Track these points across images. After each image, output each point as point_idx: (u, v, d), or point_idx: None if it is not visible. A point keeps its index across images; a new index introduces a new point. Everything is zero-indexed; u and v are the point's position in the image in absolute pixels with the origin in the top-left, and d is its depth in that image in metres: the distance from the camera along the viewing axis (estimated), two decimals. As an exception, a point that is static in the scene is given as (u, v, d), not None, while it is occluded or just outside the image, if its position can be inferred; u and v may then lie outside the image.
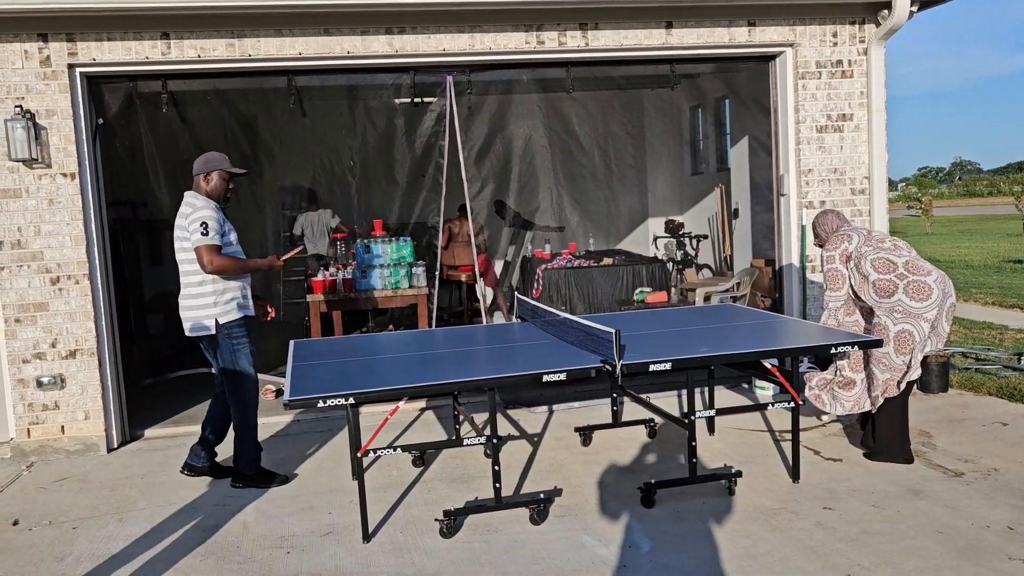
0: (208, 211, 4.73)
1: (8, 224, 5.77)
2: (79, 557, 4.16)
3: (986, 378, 6.58)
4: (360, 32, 6.08)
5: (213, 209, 4.78)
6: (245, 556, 4.09)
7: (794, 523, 4.15)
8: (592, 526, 4.23)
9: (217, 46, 5.93)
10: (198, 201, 4.79)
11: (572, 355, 4.44)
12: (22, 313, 5.82)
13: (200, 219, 4.68)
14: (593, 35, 6.41)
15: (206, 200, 4.83)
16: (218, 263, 4.68)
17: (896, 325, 4.76)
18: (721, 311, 5.84)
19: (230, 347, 4.85)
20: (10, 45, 5.69)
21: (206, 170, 4.89)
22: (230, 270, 4.75)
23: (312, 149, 7.15)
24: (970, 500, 4.33)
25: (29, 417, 5.89)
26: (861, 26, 6.73)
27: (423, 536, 4.21)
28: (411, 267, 7.42)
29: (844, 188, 6.83)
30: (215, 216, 4.74)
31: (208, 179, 4.90)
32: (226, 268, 4.72)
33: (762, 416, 6.00)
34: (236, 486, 5.02)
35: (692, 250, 10.34)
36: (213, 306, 4.79)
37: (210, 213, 4.73)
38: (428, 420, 6.40)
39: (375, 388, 3.90)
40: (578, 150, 8.01)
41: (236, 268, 4.78)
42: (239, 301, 4.87)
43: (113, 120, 6.21)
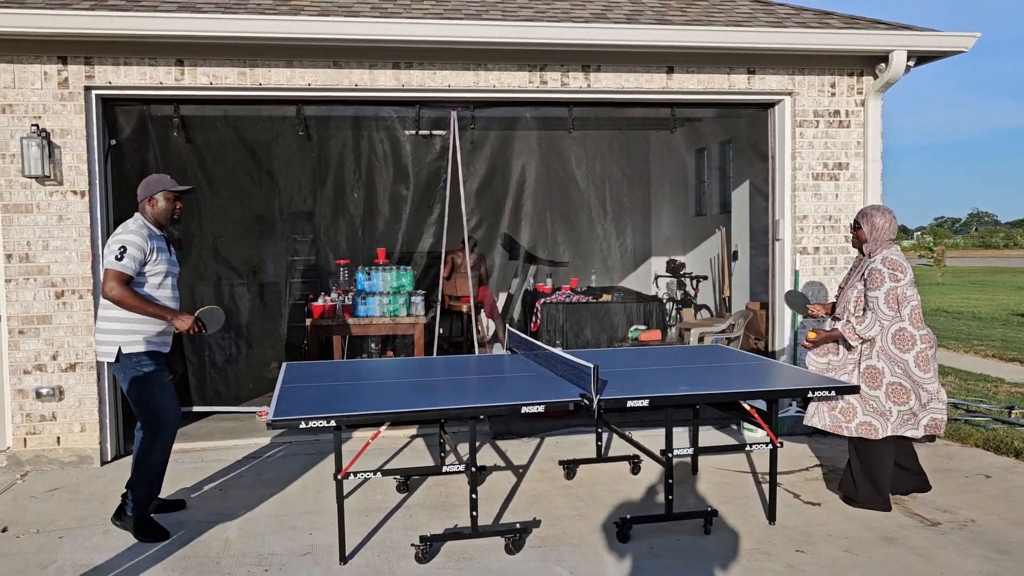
0: (132, 236, 4.46)
1: (18, 238, 5.94)
2: (62, 566, 4.25)
3: (974, 430, 6.60)
4: (368, 66, 6.27)
5: (143, 236, 4.49)
6: (224, 571, 4.17)
7: (765, 564, 4.19)
8: (566, 558, 4.29)
9: (229, 74, 6.13)
10: (132, 224, 4.55)
11: (555, 388, 4.53)
12: (26, 325, 5.97)
13: (120, 243, 4.41)
14: (595, 77, 6.57)
15: (141, 225, 4.56)
16: (117, 292, 4.36)
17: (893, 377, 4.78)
18: (709, 352, 5.91)
19: (136, 375, 4.52)
20: (31, 66, 5.90)
21: (149, 194, 4.63)
22: (128, 304, 4.39)
23: (318, 177, 7.33)
24: (943, 550, 4.36)
25: (26, 427, 6.01)
26: (859, 78, 6.87)
27: (399, 560, 4.28)
28: (410, 296, 7.55)
29: (839, 235, 6.92)
30: (140, 244, 4.45)
31: (153, 202, 4.63)
32: (124, 300, 4.37)
33: (747, 458, 6.05)
34: (115, 523, 4.70)
35: (692, 290, 10.43)
36: (119, 333, 4.50)
37: (133, 239, 4.44)
38: (417, 447, 6.48)
39: (357, 412, 4.01)
40: (575, 188, 8.15)
41: (135, 305, 4.40)
42: (147, 336, 4.54)
43: (125, 142, 6.40)
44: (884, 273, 4.68)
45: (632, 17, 6.58)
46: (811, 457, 6.12)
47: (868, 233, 4.87)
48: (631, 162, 9.95)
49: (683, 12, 6.80)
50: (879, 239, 4.85)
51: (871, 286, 4.72)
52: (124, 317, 4.49)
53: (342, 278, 8.26)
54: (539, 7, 6.67)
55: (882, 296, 4.67)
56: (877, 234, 4.84)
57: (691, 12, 6.82)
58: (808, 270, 6.88)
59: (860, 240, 4.94)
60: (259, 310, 8.40)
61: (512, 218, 7.80)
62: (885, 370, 4.79)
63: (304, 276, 9.66)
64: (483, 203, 7.49)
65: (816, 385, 4.59)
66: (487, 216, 7.62)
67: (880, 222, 4.84)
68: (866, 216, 4.91)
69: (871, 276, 4.73)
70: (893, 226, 4.87)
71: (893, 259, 4.73)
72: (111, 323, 4.53)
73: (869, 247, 4.88)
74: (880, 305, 4.68)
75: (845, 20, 6.90)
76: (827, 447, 6.37)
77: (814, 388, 4.55)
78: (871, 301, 4.71)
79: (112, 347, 4.52)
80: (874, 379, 4.81)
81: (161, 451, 4.68)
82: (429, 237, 7.41)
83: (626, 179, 9.91)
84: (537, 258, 10.17)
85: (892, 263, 4.71)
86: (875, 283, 4.70)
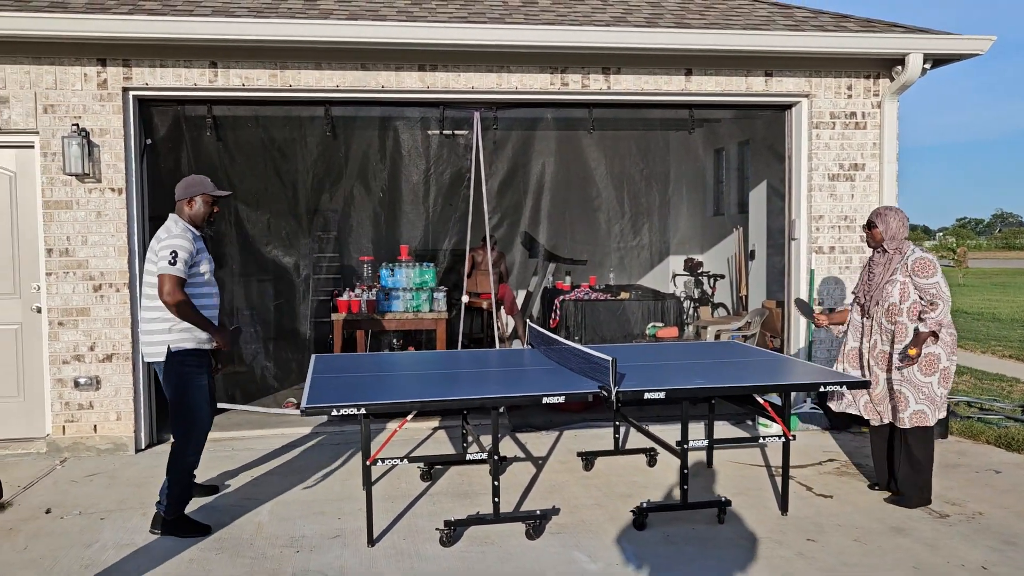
0: (180, 240, 4.51)
1: (59, 233, 6.18)
2: (105, 545, 4.48)
3: (987, 427, 6.71)
4: (394, 68, 6.47)
5: (189, 240, 4.56)
6: (257, 552, 4.37)
7: (776, 551, 4.35)
8: (584, 544, 4.46)
9: (260, 76, 6.34)
10: (175, 227, 4.60)
11: (573, 381, 4.69)
12: (65, 317, 6.21)
13: (170, 247, 4.46)
14: (615, 79, 6.73)
15: (184, 228, 4.62)
16: (178, 298, 4.43)
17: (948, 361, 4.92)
18: (725, 348, 6.06)
19: (180, 374, 4.58)
20: (72, 68, 6.14)
21: (188, 195, 4.69)
22: (186, 312, 4.46)
23: (345, 176, 7.54)
24: (950, 540, 4.50)
25: (65, 415, 6.25)
26: (875, 80, 6.99)
27: (424, 544, 4.47)
28: (432, 292, 7.74)
29: (854, 235, 7.04)
30: (187, 247, 4.52)
31: (192, 204, 4.70)
32: (183, 308, 4.45)
33: (761, 452, 6.19)
34: (154, 532, 4.64)
35: (709, 289, 10.56)
36: (169, 332, 4.55)
37: (181, 243, 4.51)
38: (439, 439, 6.66)
39: (384, 401, 4.20)
40: (594, 188, 8.31)
41: (191, 315, 4.49)
42: (195, 334, 4.59)
43: (160, 141, 6.63)
44: (934, 260, 4.87)
45: (652, 21, 6.73)
46: (825, 452, 6.26)
47: (885, 232, 5.02)
48: (650, 162, 10.07)
49: (702, 16, 6.95)
50: (897, 237, 5.01)
51: (925, 274, 4.85)
52: (172, 317, 4.52)
53: (366, 274, 8.47)
54: (560, 11, 6.84)
55: (941, 280, 4.83)
56: (894, 232, 5.01)
57: (710, 16, 6.97)
58: (823, 269, 7.01)
59: (876, 239, 5.08)
60: (286, 306, 8.62)
61: (532, 217, 7.97)
62: (942, 355, 4.91)
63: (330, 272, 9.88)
64: (504, 202, 7.67)
65: (827, 380, 4.73)
66: (508, 215, 7.80)
67: (895, 223, 5.02)
68: (881, 216, 5.07)
69: (922, 265, 4.86)
70: (905, 225, 5.06)
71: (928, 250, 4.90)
72: (159, 323, 4.55)
73: (892, 244, 5.03)
74: (943, 288, 4.82)
75: (862, 23, 7.02)
76: (842, 442, 6.50)
77: (825, 383, 4.69)
78: (932, 287, 4.83)
79: (161, 347, 4.55)
80: (932, 365, 4.90)
81: (193, 452, 4.71)
82: (453, 235, 7.60)
83: (645, 179, 10.04)
84: (557, 256, 10.35)
85: (931, 252, 4.88)
86: (929, 271, 4.86)
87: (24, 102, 6.09)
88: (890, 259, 5.04)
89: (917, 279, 4.88)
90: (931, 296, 4.85)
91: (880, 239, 5.07)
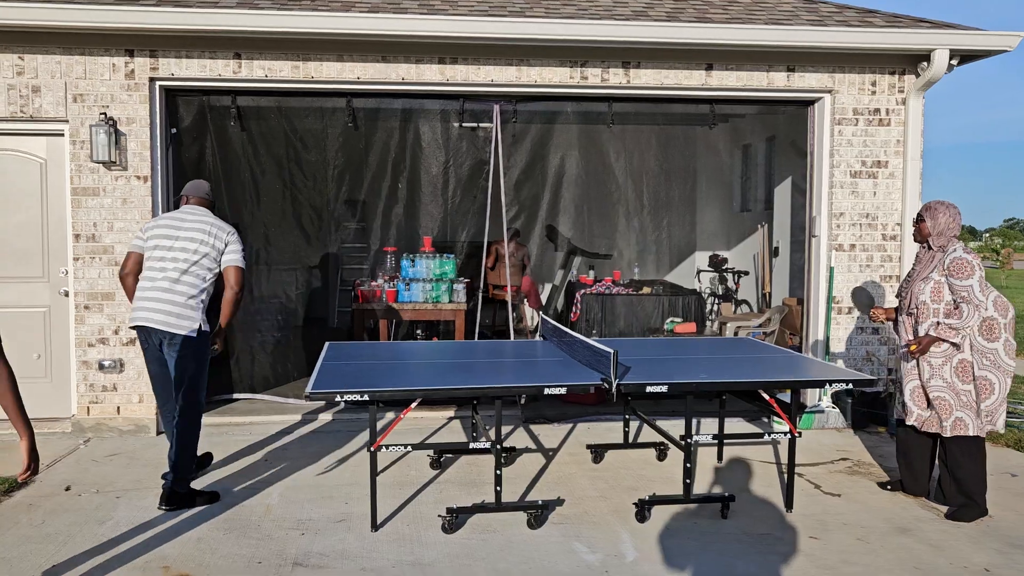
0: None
1: (86, 219, 6.35)
2: (118, 522, 4.61)
3: (1008, 431, 6.60)
4: (415, 61, 6.53)
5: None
6: (263, 533, 4.48)
7: (776, 547, 4.34)
8: (585, 534, 4.50)
9: (283, 67, 6.44)
10: (227, 225, 5.04)
11: (580, 373, 4.72)
12: (91, 300, 6.38)
13: (239, 242, 4.99)
14: (635, 73, 6.72)
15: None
16: (240, 291, 4.95)
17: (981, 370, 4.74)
18: (739, 344, 6.04)
19: (203, 353, 4.91)
20: (101, 59, 6.30)
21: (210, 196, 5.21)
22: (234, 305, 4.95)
23: (366, 167, 7.62)
24: (956, 541, 4.45)
25: (90, 396, 6.43)
26: (900, 76, 6.89)
27: (427, 530, 4.54)
28: (452, 283, 7.81)
29: (876, 233, 6.96)
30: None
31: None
32: (241, 298, 4.97)
33: (773, 449, 6.17)
34: (163, 508, 4.78)
35: (734, 285, 10.49)
36: (201, 312, 4.87)
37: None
38: (454, 428, 6.74)
39: (389, 388, 4.27)
40: (614, 182, 8.31)
41: (231, 308, 4.95)
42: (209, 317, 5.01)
43: (185, 130, 6.77)
44: (973, 262, 4.65)
45: (673, 15, 6.70)
46: (839, 450, 6.21)
47: (932, 227, 4.82)
48: (673, 157, 10.05)
49: (724, 10, 6.91)
50: (945, 233, 4.80)
51: (961, 275, 4.65)
52: (204, 300, 4.90)
53: (388, 264, 8.56)
54: (581, 4, 6.84)
55: (976, 284, 4.62)
56: (942, 228, 4.80)
57: (732, 10, 6.92)
58: (843, 267, 6.94)
59: (923, 234, 4.89)
60: (311, 295, 8.75)
61: (552, 210, 8.00)
62: (975, 363, 4.73)
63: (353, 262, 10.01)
64: (523, 194, 7.70)
65: (835, 377, 4.71)
66: (526, 207, 7.83)
67: (944, 218, 4.81)
68: (930, 210, 4.86)
69: (958, 266, 4.66)
70: (957, 222, 4.81)
71: (972, 251, 4.72)
72: (196, 303, 4.84)
73: (937, 241, 4.83)
74: (976, 293, 4.61)
75: (888, 18, 6.92)
76: (857, 441, 6.45)
77: (832, 380, 4.66)
78: (964, 290, 4.64)
79: (193, 323, 4.81)
80: (966, 373, 4.75)
81: (199, 426, 4.98)
82: (472, 227, 7.66)
83: (669, 174, 10.02)
84: (581, 250, 10.36)
85: (974, 254, 4.69)
86: (965, 272, 4.64)
87: (55, 91, 6.26)
88: (932, 256, 4.85)
89: (952, 279, 4.69)
90: (961, 299, 4.67)
91: (927, 234, 4.86)
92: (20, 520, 4.63)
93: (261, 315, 8.31)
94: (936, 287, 4.78)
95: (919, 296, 4.83)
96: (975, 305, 4.63)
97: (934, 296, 4.78)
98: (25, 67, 6.23)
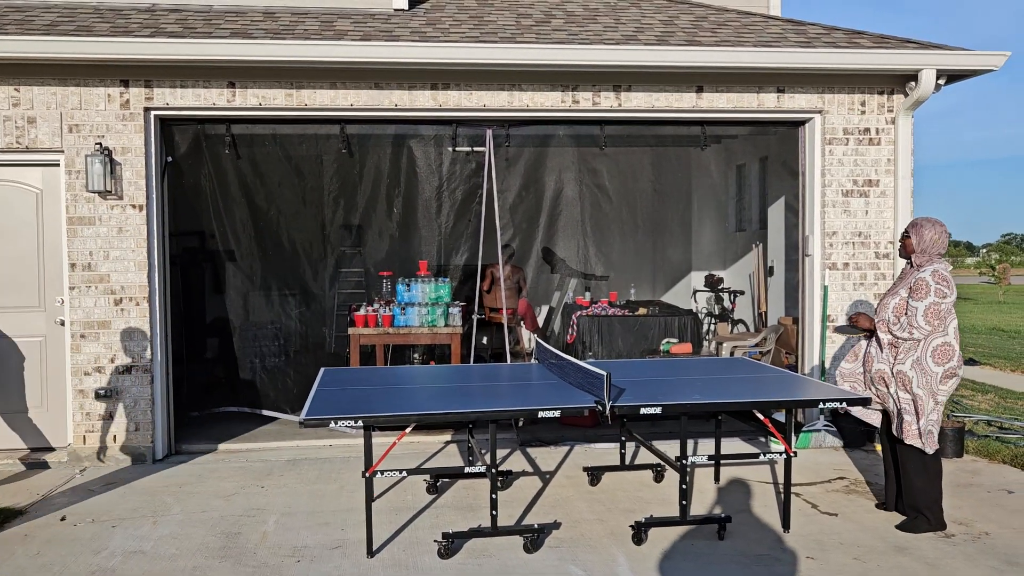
0: None
1: (81, 248, 6.38)
2: (113, 551, 4.60)
3: (1003, 446, 6.60)
4: (407, 87, 6.59)
5: None
6: (259, 561, 4.46)
7: (773, 568, 4.33)
8: (581, 558, 4.49)
9: (277, 95, 6.50)
10: None
11: (573, 396, 4.73)
12: (87, 329, 6.40)
13: None
14: (626, 96, 6.79)
15: None
16: None
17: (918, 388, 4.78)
18: (733, 364, 6.05)
19: None
20: (96, 89, 6.35)
21: None
22: None
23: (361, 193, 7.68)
24: (952, 560, 4.44)
25: (86, 425, 6.43)
26: (889, 96, 6.96)
27: (422, 556, 4.53)
28: (448, 307, 7.82)
29: (868, 252, 7.00)
30: None
31: None
32: None
33: (771, 470, 6.16)
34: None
35: (730, 304, 10.51)
36: None
37: None
38: (451, 452, 6.73)
39: (384, 413, 4.27)
40: (608, 204, 8.36)
41: None
42: None
43: (180, 159, 6.82)
44: (931, 287, 4.65)
45: (663, 39, 6.78)
46: (836, 469, 6.20)
47: (916, 244, 4.82)
48: (670, 178, 10.10)
49: (714, 33, 6.98)
50: (928, 251, 4.80)
51: (915, 296, 4.69)
52: None
53: (384, 289, 8.58)
54: (572, 29, 6.92)
55: (921, 308, 4.65)
56: (925, 246, 4.79)
57: (721, 33, 7.00)
58: (837, 285, 6.97)
59: (908, 250, 4.89)
60: (307, 321, 8.76)
61: (546, 232, 8.04)
62: (913, 379, 4.74)
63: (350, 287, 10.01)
64: (517, 217, 7.75)
65: (829, 396, 4.72)
66: (520, 230, 7.88)
67: (929, 235, 4.79)
68: (916, 227, 4.85)
69: (917, 286, 4.70)
70: (943, 240, 4.81)
71: (943, 274, 4.71)
72: None
73: (918, 258, 4.83)
74: (918, 316, 4.65)
75: (875, 39, 7.00)
76: (853, 460, 6.44)
77: (826, 400, 4.67)
78: (911, 310, 4.69)
79: None
80: (903, 384, 4.77)
81: None
82: (465, 251, 7.69)
83: (663, 195, 10.08)
84: (578, 271, 10.38)
85: (941, 277, 4.69)
86: (920, 294, 4.68)
87: (50, 122, 6.32)
88: (910, 273, 4.87)
89: (910, 299, 4.74)
90: (908, 314, 4.73)
91: (911, 250, 4.87)
92: (16, 551, 4.62)
93: (259, 340, 8.34)
94: (900, 303, 4.82)
95: (884, 310, 4.89)
96: (911, 325, 4.69)
97: (896, 312, 4.83)
98: (21, 98, 6.29)
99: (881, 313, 4.93)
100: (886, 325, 4.85)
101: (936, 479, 4.85)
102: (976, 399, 8.97)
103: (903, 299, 4.82)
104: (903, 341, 4.78)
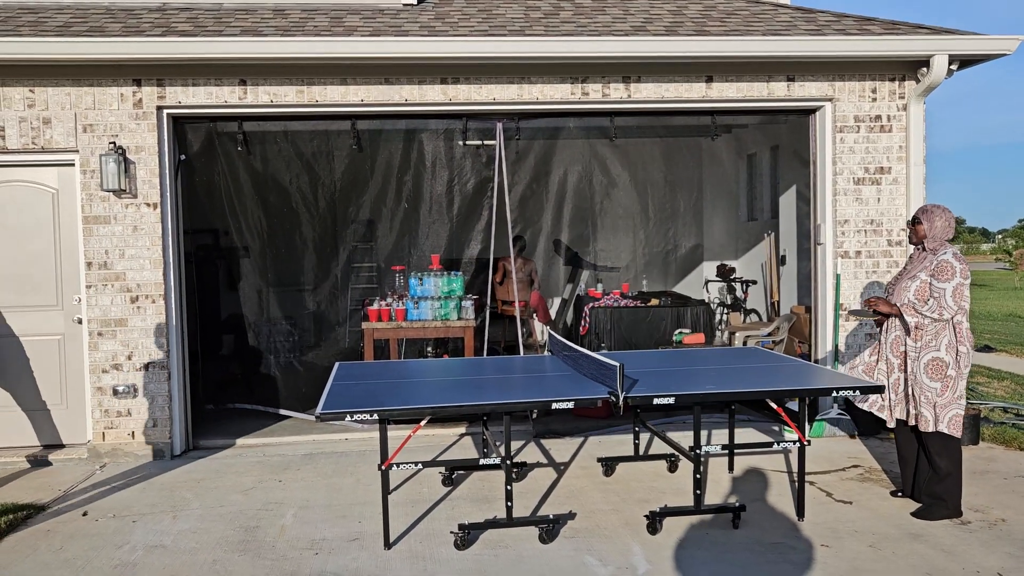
0: None
1: (97, 247, 6.44)
2: (135, 545, 4.67)
3: (1020, 433, 6.58)
4: (417, 82, 6.61)
5: None
6: (278, 554, 4.52)
7: (788, 556, 4.35)
8: (597, 548, 4.52)
9: (288, 92, 6.54)
10: None
11: (587, 386, 4.75)
12: (104, 327, 6.47)
13: None
14: (636, 87, 6.78)
15: None
16: None
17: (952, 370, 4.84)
18: (746, 354, 6.06)
19: None
20: (109, 89, 6.41)
21: None
22: None
23: (372, 187, 7.72)
24: (968, 547, 4.45)
25: (105, 422, 6.50)
26: (900, 83, 6.93)
27: (439, 547, 4.57)
28: (460, 300, 7.85)
29: (880, 239, 6.98)
30: None
31: None
32: None
33: (785, 458, 6.17)
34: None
35: (742, 294, 10.50)
36: None
37: None
38: (466, 444, 6.77)
39: (398, 406, 4.31)
40: (619, 195, 8.37)
41: None
42: None
43: (193, 157, 6.87)
44: (956, 268, 4.77)
45: (672, 29, 6.77)
46: (850, 458, 6.21)
47: (928, 230, 4.94)
48: (681, 168, 10.10)
49: (723, 23, 6.97)
50: (939, 237, 4.93)
51: (941, 277, 4.79)
52: None
53: (397, 283, 8.62)
54: (580, 21, 6.92)
55: (950, 289, 4.75)
56: (936, 232, 4.93)
57: (731, 22, 6.98)
58: (849, 273, 6.95)
59: (919, 236, 5.00)
60: (322, 316, 8.82)
61: (557, 224, 8.07)
62: (950, 363, 4.81)
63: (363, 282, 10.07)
64: (528, 210, 7.78)
65: (842, 385, 4.72)
66: (532, 222, 7.90)
67: (940, 222, 4.93)
68: (927, 213, 4.98)
69: (941, 268, 4.80)
70: (952, 226, 4.97)
71: (962, 257, 4.86)
72: None
73: (932, 243, 4.95)
74: (947, 296, 4.75)
75: (886, 26, 6.96)
76: (868, 448, 6.44)
77: (840, 388, 4.68)
78: (937, 291, 4.79)
79: None
80: (938, 371, 4.82)
81: None
82: (477, 244, 7.72)
83: (674, 185, 10.07)
84: (589, 263, 10.40)
85: (962, 260, 4.84)
86: (946, 275, 4.78)
87: (65, 122, 6.37)
88: (924, 257, 4.97)
89: (934, 280, 4.82)
90: (933, 298, 4.82)
91: (922, 236, 4.98)
92: (39, 546, 4.69)
93: (273, 336, 8.40)
94: (921, 286, 4.89)
95: (904, 293, 4.94)
96: (940, 306, 4.78)
97: (918, 295, 4.89)
98: (36, 99, 6.35)
99: (901, 297, 4.95)
100: (911, 308, 4.87)
101: (959, 463, 4.90)
102: (992, 386, 8.93)
103: (924, 282, 4.86)
104: (930, 324, 4.82)
